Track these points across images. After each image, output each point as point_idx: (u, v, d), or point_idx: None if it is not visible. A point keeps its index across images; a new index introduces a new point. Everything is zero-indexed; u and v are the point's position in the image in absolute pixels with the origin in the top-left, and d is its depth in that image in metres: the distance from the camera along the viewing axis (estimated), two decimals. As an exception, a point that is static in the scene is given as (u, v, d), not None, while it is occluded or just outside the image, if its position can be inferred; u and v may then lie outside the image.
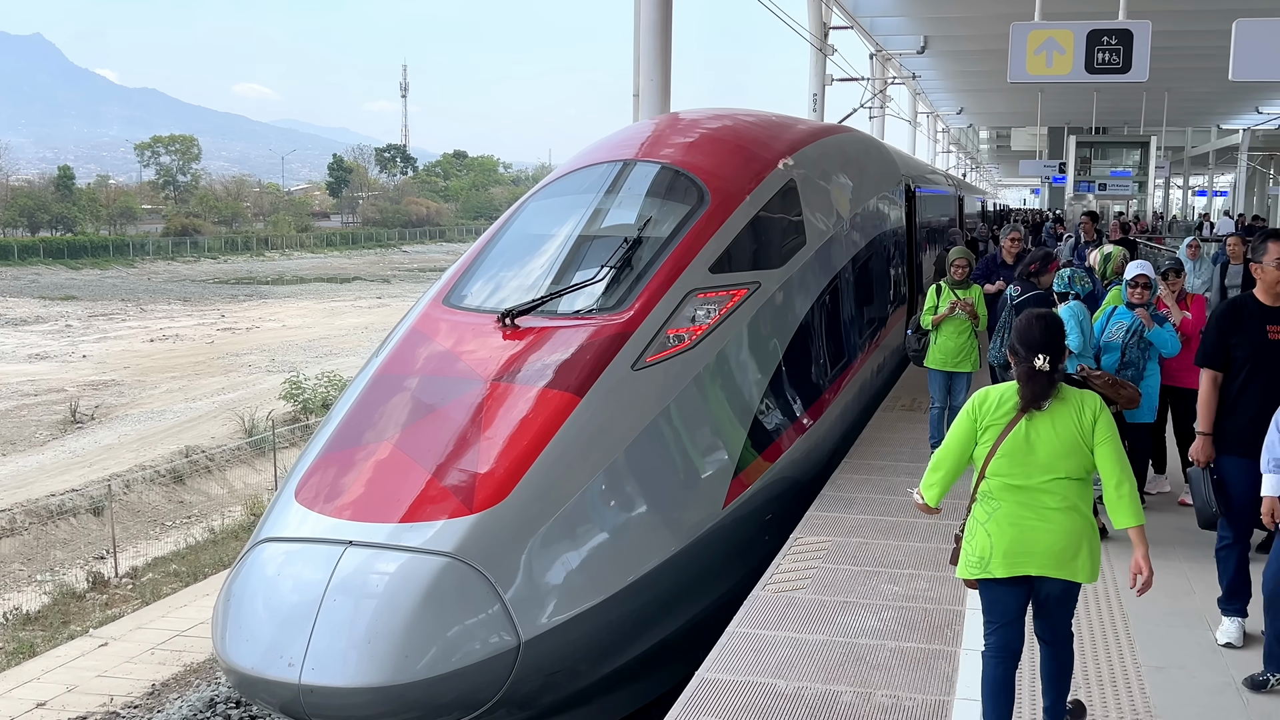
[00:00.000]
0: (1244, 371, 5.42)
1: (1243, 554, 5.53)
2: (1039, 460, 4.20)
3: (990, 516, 4.29)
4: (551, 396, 6.38)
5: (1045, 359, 4.18)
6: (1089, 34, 11.26)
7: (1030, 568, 4.23)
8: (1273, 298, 5.43)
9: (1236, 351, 5.44)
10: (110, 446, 29.22)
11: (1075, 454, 4.20)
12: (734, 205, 8.23)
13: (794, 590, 6.22)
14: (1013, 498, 4.24)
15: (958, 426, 4.38)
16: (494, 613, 5.39)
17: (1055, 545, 4.18)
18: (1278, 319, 5.40)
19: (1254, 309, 5.47)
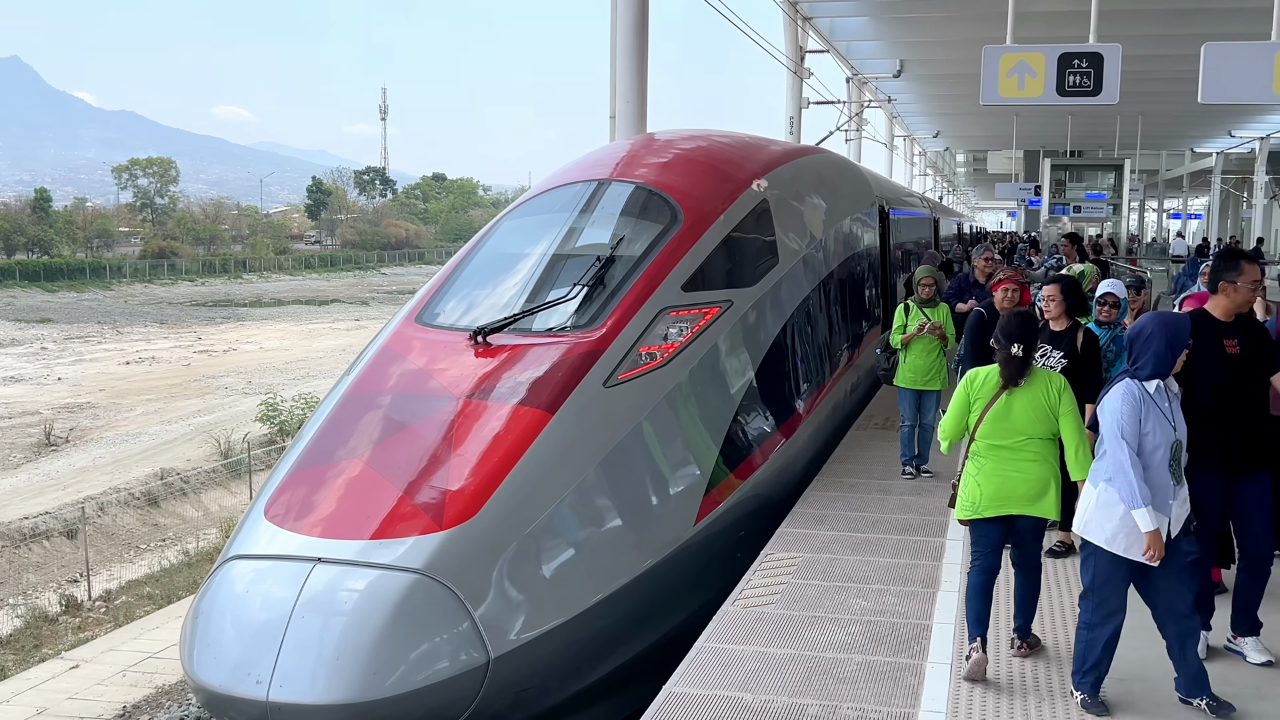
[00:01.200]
0: (1202, 386, 5.48)
1: (1208, 567, 5.58)
2: (1016, 425, 5.36)
3: (980, 470, 5.42)
4: (523, 414, 6.40)
5: (1020, 347, 5.34)
6: (1060, 57, 11.38)
7: (1011, 508, 5.38)
8: (1229, 315, 5.50)
9: (1194, 366, 5.49)
10: (84, 469, 29.02)
11: (1044, 420, 5.36)
12: (707, 224, 8.29)
13: (763, 605, 6.25)
14: (995, 455, 5.39)
15: (956, 399, 5.55)
16: (463, 629, 5.39)
17: (1029, 490, 5.34)
18: (1232, 334, 5.46)
19: (1211, 324, 5.51)
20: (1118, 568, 4.85)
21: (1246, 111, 39.61)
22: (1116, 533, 4.80)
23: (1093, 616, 4.92)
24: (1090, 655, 4.92)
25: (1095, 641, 4.91)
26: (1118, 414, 4.80)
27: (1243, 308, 5.50)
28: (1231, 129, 44.31)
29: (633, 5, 13.00)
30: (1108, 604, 4.89)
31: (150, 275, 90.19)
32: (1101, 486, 4.86)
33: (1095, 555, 4.89)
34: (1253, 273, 5.43)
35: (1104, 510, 4.83)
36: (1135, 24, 22.39)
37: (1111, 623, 4.89)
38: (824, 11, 24.95)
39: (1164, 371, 4.92)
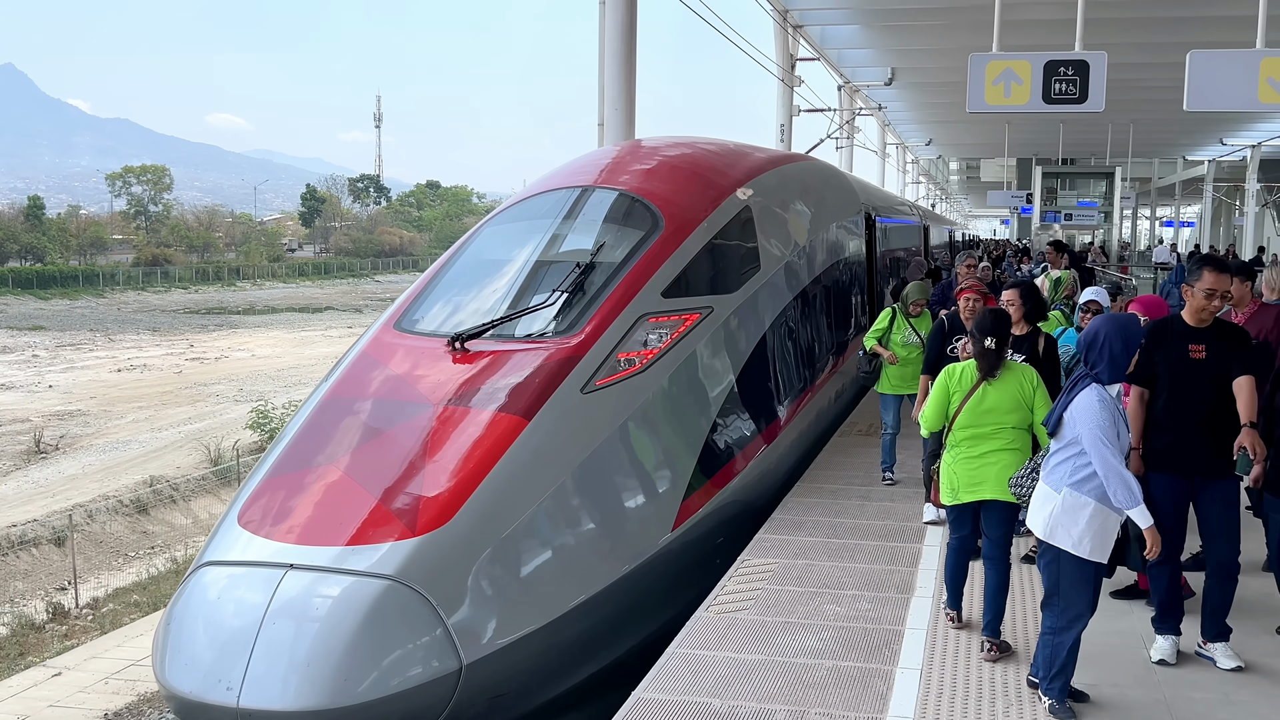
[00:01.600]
0: (1165, 389, 5.50)
1: (1174, 570, 5.59)
2: (992, 415, 5.78)
3: (956, 459, 5.87)
4: (499, 420, 6.39)
5: (994, 341, 5.75)
6: (1046, 64, 11.40)
7: (984, 493, 5.76)
8: (1197, 320, 5.52)
9: (1159, 369, 5.53)
10: (74, 477, 28.98)
11: (1018, 410, 5.79)
12: (688, 231, 8.29)
13: (736, 611, 6.24)
14: (972, 444, 5.81)
15: (936, 390, 5.97)
16: (435, 636, 5.37)
17: (1000, 475, 5.69)
18: (1199, 339, 5.48)
19: (1178, 328, 5.56)
20: (1083, 572, 4.86)
21: (1238, 119, 39.71)
22: (1083, 536, 4.82)
23: (1058, 621, 4.93)
24: (1056, 660, 4.92)
25: (1061, 646, 4.91)
26: (1096, 417, 4.78)
27: (1201, 314, 5.50)
28: (1223, 137, 44.41)
29: (621, 12, 13.00)
30: (1073, 608, 4.89)
31: (144, 283, 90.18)
32: (1066, 491, 4.86)
33: (1060, 559, 4.89)
34: (1213, 281, 5.43)
35: (1070, 514, 4.84)
36: (1122, 32, 22.46)
37: (1077, 627, 4.89)
38: (815, 20, 24.96)
39: (1121, 374, 4.96)
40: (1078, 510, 4.82)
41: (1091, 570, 4.88)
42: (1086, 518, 4.80)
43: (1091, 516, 4.80)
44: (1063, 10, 18.33)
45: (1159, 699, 5.10)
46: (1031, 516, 5.04)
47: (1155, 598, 5.64)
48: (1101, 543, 4.82)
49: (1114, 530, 4.87)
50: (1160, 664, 5.47)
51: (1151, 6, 21.44)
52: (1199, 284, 5.46)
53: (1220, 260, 5.66)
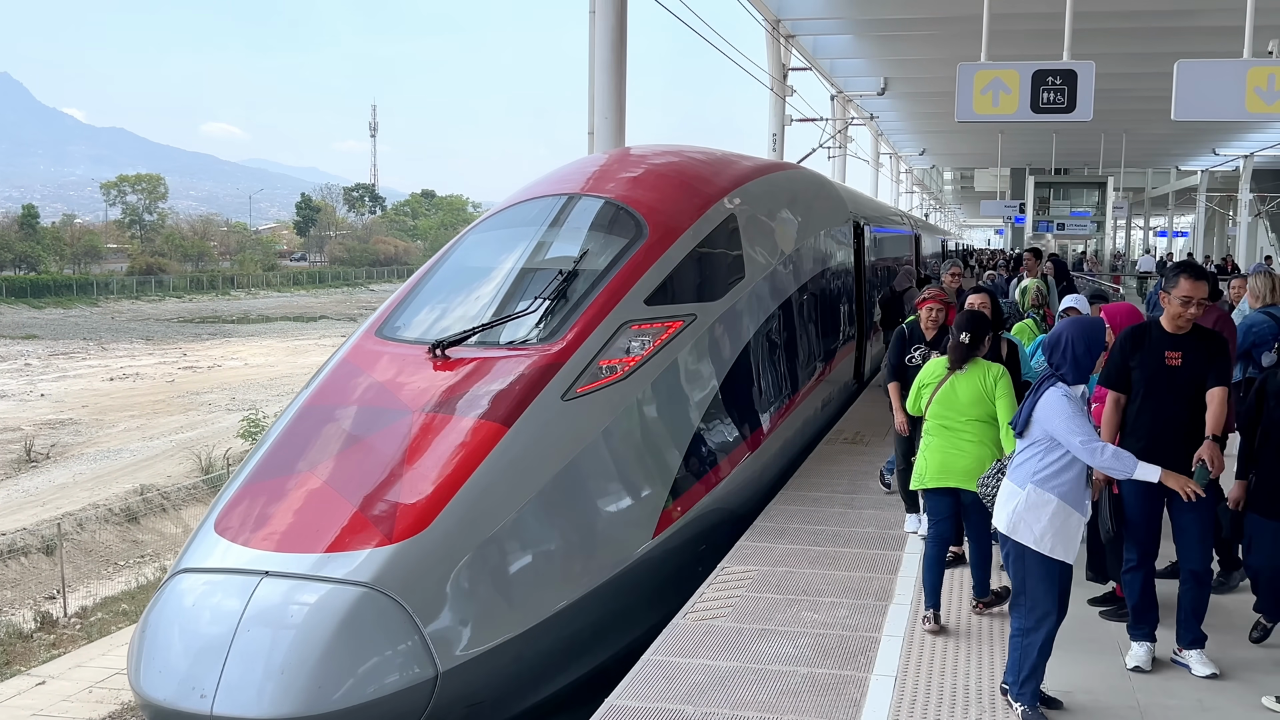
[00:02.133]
0: (1140, 394, 5.51)
1: (1148, 576, 5.59)
2: (959, 406, 6.17)
3: (928, 446, 6.28)
4: (478, 426, 6.38)
5: (968, 336, 6.18)
6: (1034, 74, 11.43)
7: (951, 481, 6.16)
8: (1174, 327, 5.53)
9: (1135, 374, 5.54)
10: (64, 485, 28.93)
11: (982, 403, 6.14)
12: (672, 239, 8.29)
13: (714, 619, 6.23)
14: (941, 434, 6.23)
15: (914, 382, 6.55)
16: (411, 643, 5.36)
17: (968, 466, 6.05)
18: (1176, 346, 5.48)
19: (1156, 334, 5.56)
20: (1048, 570, 4.89)
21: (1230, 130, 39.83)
22: (1045, 533, 4.85)
23: (1025, 621, 4.94)
24: (1026, 662, 4.92)
25: (1030, 647, 4.90)
26: (1065, 409, 4.82)
27: (1177, 321, 5.51)
28: (1215, 147, 44.55)
29: (610, 21, 13.03)
30: (1040, 607, 4.90)
31: (138, 291, 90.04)
32: (1030, 488, 4.90)
33: (1024, 556, 4.92)
34: (1189, 288, 5.42)
35: (1033, 511, 4.88)
36: (1112, 42, 22.52)
37: (1045, 626, 4.90)
38: (807, 30, 25.00)
39: (1085, 376, 5.02)
40: (1040, 507, 4.86)
41: (1056, 569, 4.90)
42: (1049, 515, 4.85)
43: (1054, 514, 4.85)
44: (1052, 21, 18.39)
45: (1133, 706, 5.10)
46: (997, 513, 5.08)
47: (1129, 603, 5.64)
48: (1064, 541, 4.86)
49: (1077, 530, 4.91)
50: (1135, 671, 5.46)
51: (1140, 17, 21.50)
52: (1175, 291, 5.46)
53: (1196, 268, 5.65)
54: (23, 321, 71.80)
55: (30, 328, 68.87)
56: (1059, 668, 5.06)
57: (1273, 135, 39.93)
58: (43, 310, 77.85)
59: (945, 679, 5.38)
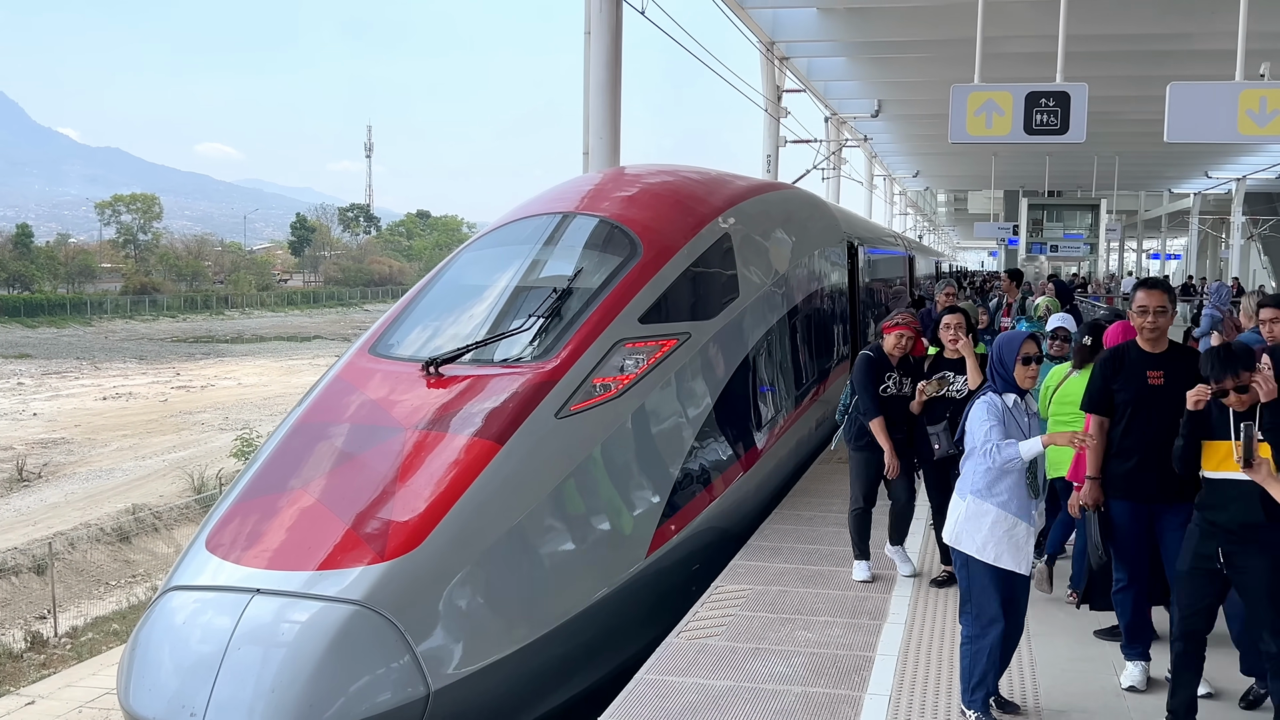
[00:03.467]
0: (1126, 416, 5.51)
1: (1139, 595, 5.56)
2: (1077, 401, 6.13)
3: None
4: (471, 444, 6.35)
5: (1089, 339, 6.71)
6: (1027, 96, 11.42)
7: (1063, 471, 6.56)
8: (1151, 344, 5.53)
9: (1119, 397, 5.53)
10: (56, 505, 28.82)
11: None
12: (667, 257, 8.29)
13: (708, 637, 6.20)
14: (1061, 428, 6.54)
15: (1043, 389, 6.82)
16: (403, 662, 5.32)
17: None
18: (1157, 365, 5.48)
19: (1135, 355, 5.56)
20: (992, 577, 4.95)
21: (1222, 152, 40.04)
22: (986, 542, 4.95)
23: (972, 628, 5.00)
24: (976, 669, 4.95)
25: (980, 653, 4.95)
26: (978, 417, 5.04)
27: (1143, 334, 5.52)
28: (1208, 170, 44.76)
29: (606, 41, 13.08)
30: (986, 612, 4.96)
31: (132, 311, 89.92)
32: (970, 498, 5.02)
33: (968, 564, 5.01)
34: (1141, 298, 5.49)
35: (973, 521, 4.99)
36: (1106, 65, 22.65)
37: (992, 631, 4.94)
38: (801, 52, 25.12)
39: (1009, 384, 5.11)
40: (979, 518, 4.98)
41: (1001, 576, 4.96)
42: (989, 525, 4.96)
43: (994, 524, 4.95)
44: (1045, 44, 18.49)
45: (1127, 725, 5.08)
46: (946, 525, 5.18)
47: (1122, 623, 5.62)
48: (1011, 550, 4.94)
49: (1026, 539, 4.97)
50: (1130, 690, 5.44)
51: (1133, 40, 21.63)
52: (1134, 304, 5.53)
53: (1150, 279, 5.78)
54: (16, 341, 71.65)
55: (24, 347, 68.72)
56: (1054, 687, 5.04)
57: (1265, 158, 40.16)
58: (36, 329, 77.72)
59: (940, 698, 5.35)
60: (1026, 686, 5.47)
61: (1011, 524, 4.94)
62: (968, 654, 5.02)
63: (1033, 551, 5.04)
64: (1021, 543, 4.96)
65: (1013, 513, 4.93)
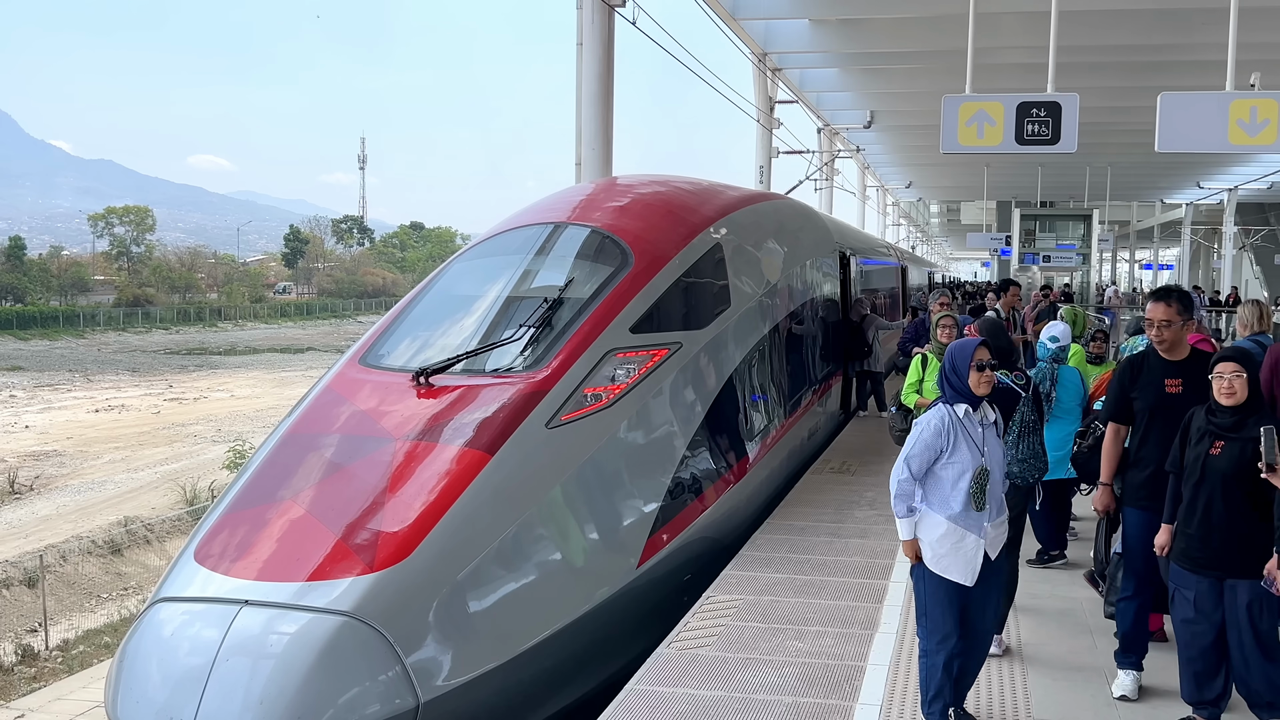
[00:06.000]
0: (1143, 424, 5.48)
1: (1142, 608, 5.53)
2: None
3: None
4: (462, 454, 6.33)
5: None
6: (1018, 106, 11.44)
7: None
8: (1167, 353, 5.50)
9: (1137, 405, 5.51)
10: (48, 517, 28.71)
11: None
12: (658, 267, 8.29)
13: (698, 648, 6.18)
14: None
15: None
16: (392, 674, 5.29)
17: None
18: (1175, 373, 5.44)
19: (1154, 363, 5.54)
20: (946, 590, 4.92)
21: (1214, 163, 40.13)
22: (938, 555, 4.93)
23: (927, 642, 4.98)
24: (933, 681, 4.94)
25: (935, 668, 4.93)
26: (918, 435, 5.00)
27: (1158, 345, 5.49)
28: (1200, 180, 44.85)
29: (598, 53, 13.09)
30: (939, 629, 4.93)
31: (124, 323, 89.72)
32: (923, 509, 5.00)
33: (925, 578, 4.98)
34: (1148, 311, 5.49)
35: (927, 532, 4.97)
36: (1094, 76, 22.69)
37: (945, 648, 4.91)
38: (793, 63, 25.15)
39: (961, 394, 5.05)
40: (933, 529, 4.94)
41: (955, 591, 4.92)
42: (939, 535, 4.92)
43: (944, 535, 4.92)
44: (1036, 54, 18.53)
45: (1119, 735, 5.06)
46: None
47: (1120, 631, 5.59)
48: (959, 563, 4.90)
49: (974, 552, 4.92)
50: (1122, 699, 5.42)
51: (1123, 51, 21.68)
52: (1147, 315, 5.51)
53: (1158, 290, 5.73)
54: (8, 353, 71.42)
55: (16, 359, 68.50)
56: (1045, 696, 5.02)
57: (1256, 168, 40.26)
58: (28, 342, 77.47)
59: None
60: (1018, 695, 5.45)
61: (960, 536, 4.90)
62: (924, 666, 5.00)
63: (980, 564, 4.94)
64: (970, 555, 4.92)
65: (961, 525, 4.90)
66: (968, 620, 5.00)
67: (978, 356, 5.05)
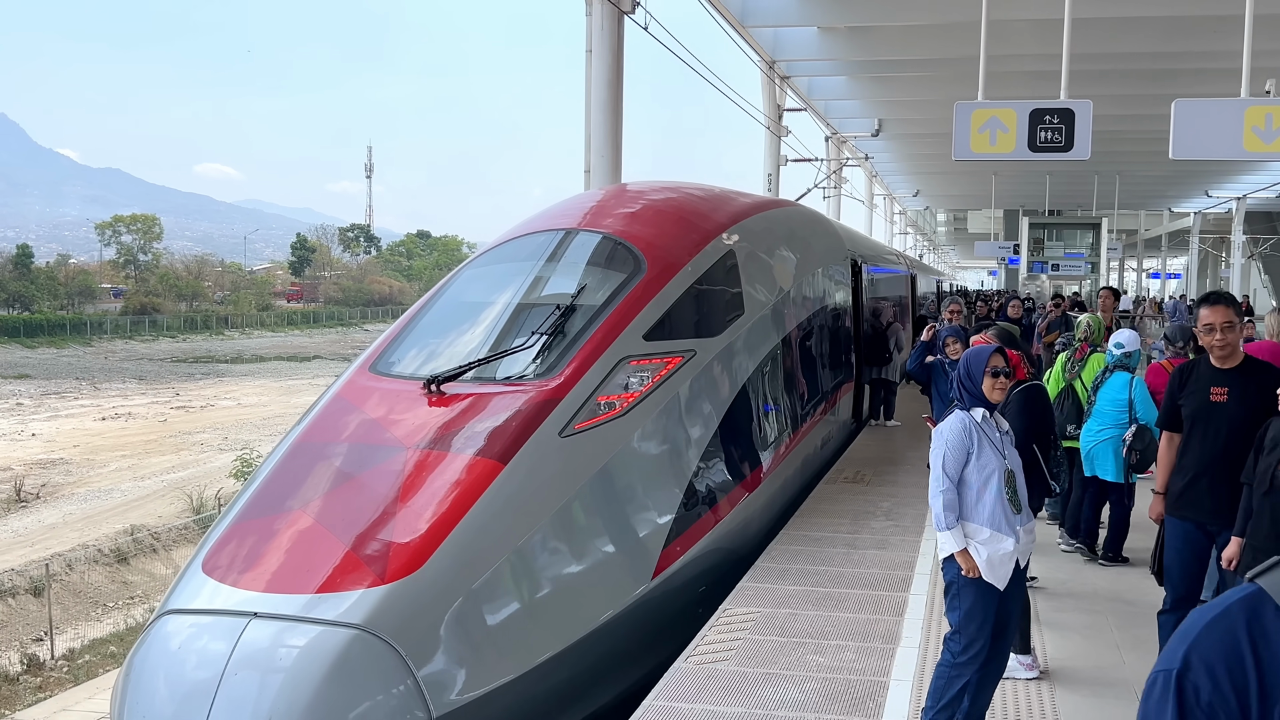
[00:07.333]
0: (1188, 432, 5.36)
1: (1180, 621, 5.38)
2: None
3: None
4: (474, 464, 6.22)
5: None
6: (1031, 113, 11.35)
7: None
8: (1220, 360, 5.36)
9: (1184, 411, 5.39)
10: (54, 526, 28.64)
11: None
12: (671, 274, 8.19)
13: (716, 662, 6.06)
14: None
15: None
16: (404, 688, 5.18)
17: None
18: (1223, 381, 5.30)
19: (1204, 370, 5.41)
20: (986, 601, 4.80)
21: (1223, 172, 40.04)
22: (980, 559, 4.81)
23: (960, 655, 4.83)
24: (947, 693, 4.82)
25: (956, 680, 4.81)
26: (938, 440, 4.93)
27: (1213, 352, 5.35)
28: (1208, 189, 44.75)
29: (607, 60, 13.04)
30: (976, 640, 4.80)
31: (131, 331, 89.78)
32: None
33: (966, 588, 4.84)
34: (1205, 315, 5.31)
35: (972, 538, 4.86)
36: (1107, 84, 22.60)
37: (977, 661, 4.80)
38: (802, 70, 25.11)
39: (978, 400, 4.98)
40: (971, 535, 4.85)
41: (994, 603, 4.81)
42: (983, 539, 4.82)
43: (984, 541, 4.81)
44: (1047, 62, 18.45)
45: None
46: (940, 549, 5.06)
47: (1161, 643, 5.44)
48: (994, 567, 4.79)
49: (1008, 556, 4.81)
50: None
51: (1135, 59, 21.60)
52: (1200, 323, 5.35)
53: (1211, 294, 5.53)
54: (15, 361, 71.46)
55: (23, 367, 68.52)
56: (1075, 716, 4.88)
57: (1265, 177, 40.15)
58: (35, 350, 77.51)
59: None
60: (1047, 715, 5.32)
61: (996, 541, 4.81)
62: (944, 676, 4.88)
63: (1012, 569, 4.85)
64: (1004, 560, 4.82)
65: (995, 529, 4.81)
66: (996, 634, 4.89)
67: (992, 363, 4.98)
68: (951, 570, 4.89)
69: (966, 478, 4.86)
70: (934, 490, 4.88)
